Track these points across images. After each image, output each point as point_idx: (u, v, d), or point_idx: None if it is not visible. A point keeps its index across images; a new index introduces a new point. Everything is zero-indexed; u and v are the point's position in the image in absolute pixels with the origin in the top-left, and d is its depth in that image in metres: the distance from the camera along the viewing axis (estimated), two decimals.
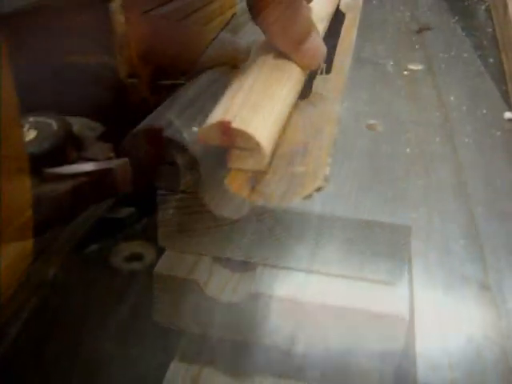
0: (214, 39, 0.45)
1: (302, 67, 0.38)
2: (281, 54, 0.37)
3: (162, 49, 0.38)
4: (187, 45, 0.42)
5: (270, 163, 0.33)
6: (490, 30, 0.52)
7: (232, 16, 0.51)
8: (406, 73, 0.44)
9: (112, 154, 0.32)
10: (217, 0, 0.48)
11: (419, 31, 0.48)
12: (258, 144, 0.31)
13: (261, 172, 0.32)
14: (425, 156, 0.35)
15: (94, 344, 0.23)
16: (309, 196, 0.31)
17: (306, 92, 0.41)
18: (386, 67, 0.45)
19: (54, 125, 0.32)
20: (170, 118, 0.33)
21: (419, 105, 0.40)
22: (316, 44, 0.37)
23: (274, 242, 0.30)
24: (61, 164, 0.31)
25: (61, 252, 0.28)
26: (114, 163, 0.31)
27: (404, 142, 0.36)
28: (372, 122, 0.38)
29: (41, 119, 0.32)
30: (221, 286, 0.31)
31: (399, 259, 0.29)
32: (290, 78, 0.37)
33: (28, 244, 0.26)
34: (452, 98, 0.42)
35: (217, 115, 0.32)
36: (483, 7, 0.57)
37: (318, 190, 0.31)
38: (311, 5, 0.39)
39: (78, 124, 0.34)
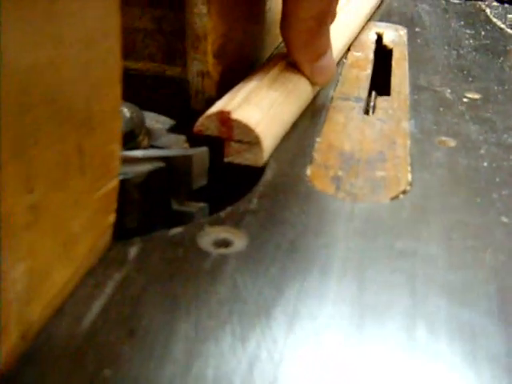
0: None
1: (313, 82, 0.39)
2: (293, 67, 0.38)
3: (235, 48, 0.37)
4: (256, 46, 0.41)
5: (352, 167, 0.32)
6: None
7: None
8: (465, 100, 0.44)
9: (186, 145, 0.31)
10: None
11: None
12: (257, 138, 0.30)
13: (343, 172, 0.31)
14: (504, 170, 0.34)
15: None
16: (395, 197, 0.30)
17: (367, 109, 0.40)
18: (444, 94, 0.44)
19: (127, 112, 0.30)
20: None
21: (485, 127, 0.39)
22: (330, 62, 0.39)
23: None
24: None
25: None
26: (193, 151, 0.29)
27: (479, 157, 0.35)
28: (443, 138, 0.37)
29: None
30: None
31: None
32: (297, 89, 0.37)
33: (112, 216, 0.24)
34: None
35: (217, 106, 0.31)
36: None
37: (404, 192, 0.30)
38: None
39: (148, 117, 0.33)
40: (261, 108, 0.32)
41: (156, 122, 0.33)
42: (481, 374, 0.20)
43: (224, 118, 0.30)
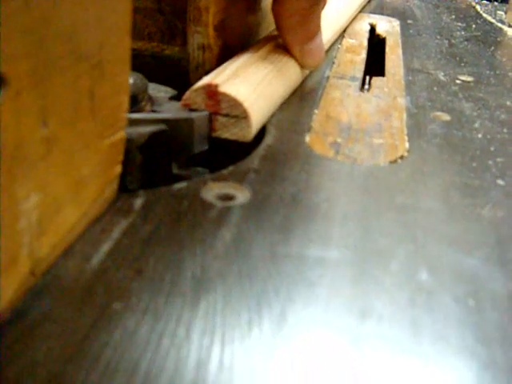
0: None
1: (302, 64, 0.39)
2: (283, 48, 0.38)
3: (235, 24, 0.38)
4: (255, 24, 0.42)
5: (350, 135, 0.32)
6: None
7: None
8: (458, 81, 0.44)
9: (187, 111, 0.31)
10: None
11: None
12: (245, 112, 0.30)
13: (341, 140, 0.31)
14: (498, 141, 0.34)
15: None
16: (394, 161, 0.30)
17: (363, 87, 0.41)
18: (438, 76, 0.45)
19: (132, 79, 0.31)
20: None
21: (479, 105, 0.40)
22: (319, 46, 0.40)
23: None
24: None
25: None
26: (195, 114, 0.29)
27: (473, 129, 0.36)
28: (438, 113, 0.37)
29: None
30: None
31: None
32: (286, 69, 0.37)
33: (118, 167, 0.25)
34: (508, 103, 0.41)
35: (204, 80, 0.31)
36: None
37: (402, 157, 0.31)
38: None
39: (152, 87, 0.33)
40: (249, 83, 0.32)
41: (159, 91, 0.34)
42: (484, 312, 0.20)
43: (211, 91, 0.30)
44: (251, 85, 0.32)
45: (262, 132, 0.32)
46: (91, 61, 0.21)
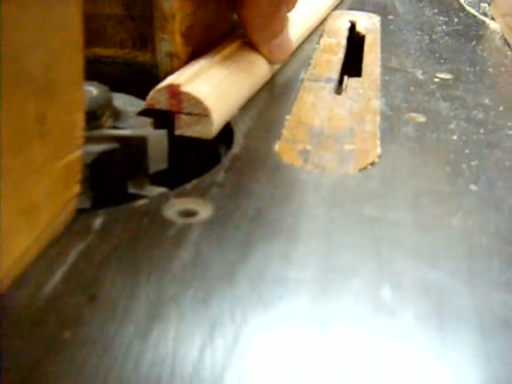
0: None
1: (270, 60, 0.39)
2: (249, 45, 0.39)
3: (203, 29, 0.37)
4: (225, 28, 0.41)
5: (321, 141, 0.32)
6: (510, 52, 0.52)
7: None
8: (436, 80, 0.44)
9: (150, 128, 0.31)
10: None
11: None
12: (206, 109, 0.30)
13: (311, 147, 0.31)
14: (474, 142, 0.34)
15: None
16: (364, 168, 0.29)
17: (339, 89, 0.40)
18: (415, 75, 0.44)
19: (94, 92, 0.30)
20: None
21: (456, 104, 0.39)
22: (286, 41, 0.40)
23: None
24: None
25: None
26: (150, 132, 0.29)
27: (448, 131, 0.35)
28: (413, 114, 0.37)
29: None
30: None
31: None
32: (252, 66, 0.38)
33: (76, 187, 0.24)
34: (487, 101, 0.41)
35: (167, 80, 0.32)
36: (498, 36, 0.58)
37: (372, 164, 0.30)
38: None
39: (121, 99, 0.32)
40: (211, 82, 0.33)
41: (129, 104, 0.33)
42: (446, 331, 0.20)
43: (174, 90, 0.31)
44: (213, 83, 0.33)
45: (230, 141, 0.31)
46: (38, 83, 0.20)
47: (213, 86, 0.32)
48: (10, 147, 0.19)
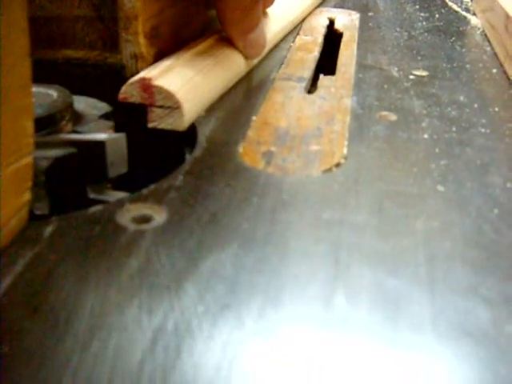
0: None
1: (245, 55, 0.40)
2: (225, 40, 0.39)
3: (170, 30, 0.37)
4: (188, 26, 0.40)
5: (286, 143, 0.31)
6: (489, 48, 0.52)
7: None
8: (411, 77, 0.43)
9: (110, 131, 0.30)
10: None
11: None
12: (177, 102, 0.31)
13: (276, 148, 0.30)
14: (444, 141, 0.33)
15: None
16: (328, 170, 0.29)
17: (311, 88, 0.40)
18: (391, 72, 0.44)
19: (54, 95, 0.29)
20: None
21: (429, 102, 0.39)
22: (260, 36, 0.41)
23: None
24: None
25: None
26: (108, 136, 0.28)
27: (420, 129, 0.34)
28: (384, 113, 0.36)
29: (42, 89, 0.30)
30: None
31: None
32: (227, 60, 0.38)
33: (26, 195, 0.23)
34: (461, 98, 0.40)
35: (139, 75, 0.32)
36: (478, 32, 0.57)
37: (337, 165, 0.29)
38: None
39: (84, 102, 0.32)
40: (184, 75, 0.33)
41: (93, 108, 0.32)
42: (403, 341, 0.19)
43: (145, 84, 0.31)
44: (186, 77, 0.33)
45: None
46: None
47: (185, 80, 0.33)
48: None
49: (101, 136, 0.28)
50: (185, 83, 0.33)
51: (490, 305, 0.21)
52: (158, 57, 0.35)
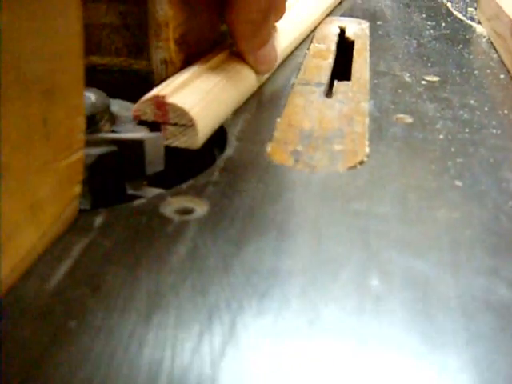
0: None
1: (256, 70, 0.40)
2: (236, 55, 0.39)
3: (196, 37, 0.39)
4: (216, 36, 0.42)
5: (311, 142, 0.33)
6: (495, 55, 0.54)
7: None
8: (423, 82, 0.45)
9: (147, 131, 0.32)
10: None
11: None
12: (191, 120, 0.31)
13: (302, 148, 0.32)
14: (459, 141, 0.35)
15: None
16: (353, 167, 0.31)
17: (329, 93, 0.42)
18: (403, 78, 0.46)
19: (93, 98, 0.31)
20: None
21: (442, 105, 0.41)
22: (271, 51, 0.41)
23: None
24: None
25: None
26: (146, 136, 0.30)
27: (435, 130, 0.36)
28: (400, 115, 0.38)
29: None
30: None
31: None
32: (239, 76, 0.38)
33: (77, 187, 0.25)
34: (472, 102, 0.42)
35: (153, 92, 0.32)
36: (484, 40, 0.59)
37: (361, 163, 0.31)
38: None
39: (118, 105, 0.34)
40: (197, 92, 0.33)
41: (127, 109, 0.34)
42: (432, 316, 0.21)
43: (159, 102, 0.31)
44: (199, 94, 0.33)
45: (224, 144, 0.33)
46: (42, 87, 0.22)
47: (198, 97, 0.33)
48: (17, 147, 0.20)
49: (140, 135, 0.30)
50: (199, 101, 0.33)
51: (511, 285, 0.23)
52: (185, 62, 0.37)
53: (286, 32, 0.46)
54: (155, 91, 0.32)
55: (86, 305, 0.21)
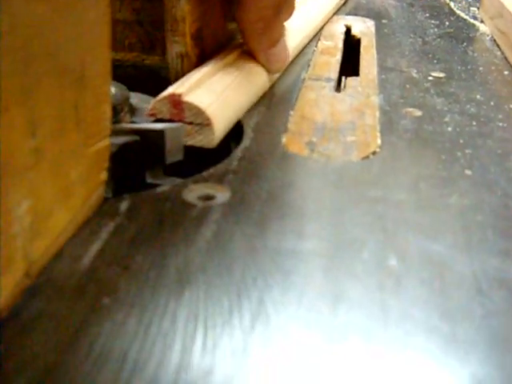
0: None
1: (268, 69, 0.40)
2: (248, 54, 0.40)
3: (211, 33, 0.40)
4: (229, 32, 0.43)
5: (324, 134, 0.34)
6: (499, 53, 0.55)
7: None
8: (430, 78, 0.46)
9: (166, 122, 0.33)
10: None
11: None
12: (208, 119, 0.31)
13: (316, 139, 0.33)
14: (467, 133, 0.36)
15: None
16: (366, 157, 0.32)
17: (338, 87, 0.43)
18: (410, 74, 0.47)
19: (113, 90, 0.32)
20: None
21: (449, 100, 0.42)
22: (283, 50, 0.41)
23: None
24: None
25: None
26: (167, 126, 0.31)
27: (443, 123, 0.37)
28: (410, 109, 0.39)
29: None
30: None
31: None
32: (251, 75, 0.39)
33: (104, 174, 0.26)
34: (478, 96, 0.43)
35: (169, 90, 0.32)
36: (487, 38, 0.60)
37: (374, 153, 0.32)
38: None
39: (137, 97, 0.35)
40: (213, 91, 0.33)
41: (145, 102, 0.35)
42: (449, 293, 0.22)
43: (175, 100, 0.31)
44: (214, 92, 0.33)
45: (241, 134, 0.34)
46: (74, 75, 0.23)
47: (214, 96, 0.33)
48: (51, 132, 0.21)
49: (160, 125, 0.31)
50: (214, 99, 0.33)
51: None
52: (200, 56, 0.38)
53: (295, 30, 0.47)
54: (171, 89, 0.32)
55: (117, 283, 0.22)
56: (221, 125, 0.32)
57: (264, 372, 0.18)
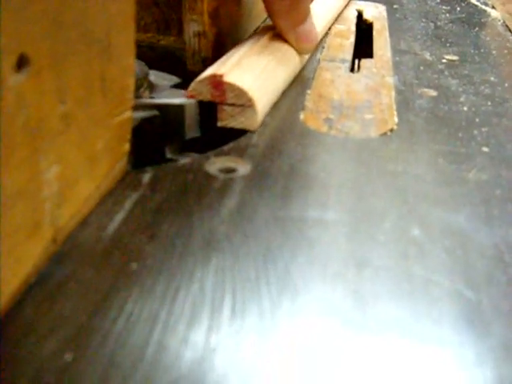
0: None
1: (298, 49, 0.39)
2: (279, 37, 0.39)
3: (227, 12, 0.40)
4: (245, 14, 0.43)
5: (342, 112, 0.34)
6: (511, 37, 0.55)
7: None
8: (444, 60, 0.46)
9: (183, 97, 0.33)
10: None
11: None
12: (251, 100, 0.30)
13: (334, 116, 0.33)
14: (482, 113, 0.36)
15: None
16: (384, 134, 0.32)
17: (353, 68, 0.43)
18: (424, 56, 0.47)
19: None
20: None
21: (464, 81, 0.42)
22: (311, 28, 0.40)
23: None
24: None
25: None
26: (185, 101, 0.31)
27: (459, 103, 0.37)
28: (425, 89, 0.39)
29: None
30: None
31: None
32: (285, 57, 0.38)
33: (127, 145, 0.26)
34: (492, 78, 0.43)
35: (209, 71, 0.32)
36: (499, 23, 0.60)
37: (391, 130, 0.32)
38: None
39: (155, 75, 0.35)
40: (253, 72, 0.33)
41: (163, 79, 0.35)
42: (471, 261, 0.22)
43: (216, 81, 0.30)
44: (254, 74, 0.33)
45: None
46: (101, 45, 0.23)
47: (254, 76, 0.32)
48: (79, 100, 0.22)
49: (180, 100, 0.31)
50: (255, 80, 0.32)
51: None
52: (218, 36, 0.38)
53: (318, 16, 0.46)
54: (211, 70, 0.31)
55: (144, 250, 0.22)
56: (262, 106, 0.32)
57: (292, 334, 0.19)
